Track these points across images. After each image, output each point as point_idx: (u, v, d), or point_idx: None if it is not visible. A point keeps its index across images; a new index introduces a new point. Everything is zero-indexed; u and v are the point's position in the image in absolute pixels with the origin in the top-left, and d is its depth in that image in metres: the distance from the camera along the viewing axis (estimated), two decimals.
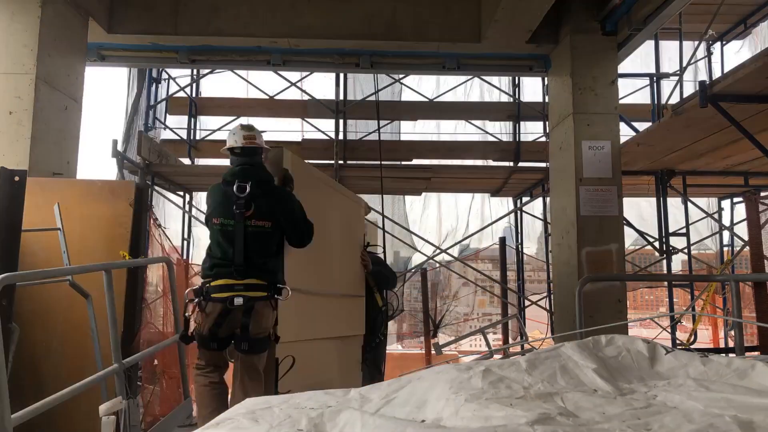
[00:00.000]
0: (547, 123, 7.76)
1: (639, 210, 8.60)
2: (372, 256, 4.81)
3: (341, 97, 7.85)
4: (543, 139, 8.51)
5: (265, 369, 3.29)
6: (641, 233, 7.29)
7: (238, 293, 3.14)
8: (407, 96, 8.86)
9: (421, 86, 8.90)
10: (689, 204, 7.37)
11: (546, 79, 7.36)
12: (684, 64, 6.61)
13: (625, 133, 5.68)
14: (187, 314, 3.32)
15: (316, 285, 3.92)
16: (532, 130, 8.88)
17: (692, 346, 6.95)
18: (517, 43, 5.53)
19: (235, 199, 3.22)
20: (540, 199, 8.16)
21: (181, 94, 8.56)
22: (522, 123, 8.64)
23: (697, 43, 7.66)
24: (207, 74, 8.91)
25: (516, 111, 8.54)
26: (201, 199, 8.91)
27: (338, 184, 5.55)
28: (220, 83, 9.21)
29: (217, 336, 3.21)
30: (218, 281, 3.19)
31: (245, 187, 3.22)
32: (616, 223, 5.06)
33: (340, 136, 7.76)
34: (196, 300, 3.23)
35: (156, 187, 7.54)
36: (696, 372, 1.84)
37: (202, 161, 8.59)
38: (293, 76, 8.52)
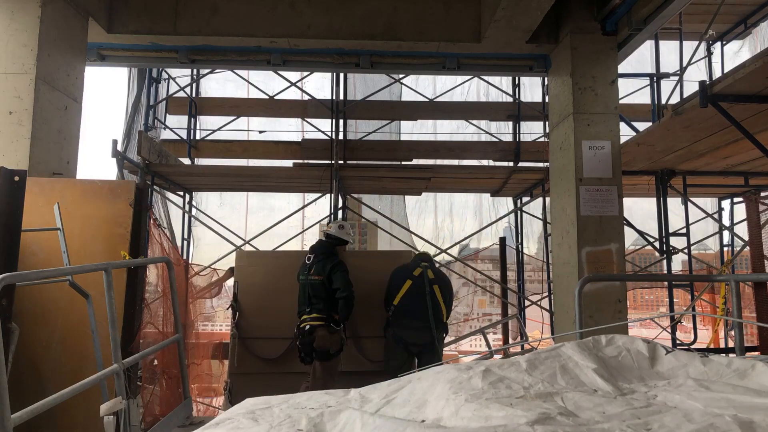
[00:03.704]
0: (547, 123, 7.77)
1: (639, 210, 8.60)
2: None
3: (341, 97, 7.85)
4: (543, 139, 8.51)
5: (331, 373, 4.83)
6: (641, 233, 7.29)
7: (307, 323, 4.81)
8: (407, 96, 8.87)
9: (420, 86, 8.91)
10: (689, 204, 7.37)
11: (546, 79, 7.36)
12: (684, 64, 6.61)
13: (625, 133, 5.68)
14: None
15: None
16: (532, 130, 8.89)
17: (692, 346, 6.95)
18: (517, 43, 5.53)
19: (305, 263, 5.08)
20: (540, 199, 8.15)
21: (181, 94, 8.56)
22: (522, 123, 8.65)
23: (697, 43, 7.66)
24: (207, 74, 8.92)
25: (516, 111, 8.55)
26: (201, 199, 8.92)
27: None
28: (220, 83, 9.18)
29: (302, 352, 4.86)
30: (302, 317, 4.90)
31: (311, 256, 5.06)
32: (616, 223, 5.06)
33: (340, 136, 7.75)
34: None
35: (156, 187, 7.54)
36: (696, 372, 1.84)
37: (202, 161, 8.59)
38: (293, 76, 8.52)
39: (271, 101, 8.74)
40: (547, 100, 7.02)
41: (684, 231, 7.21)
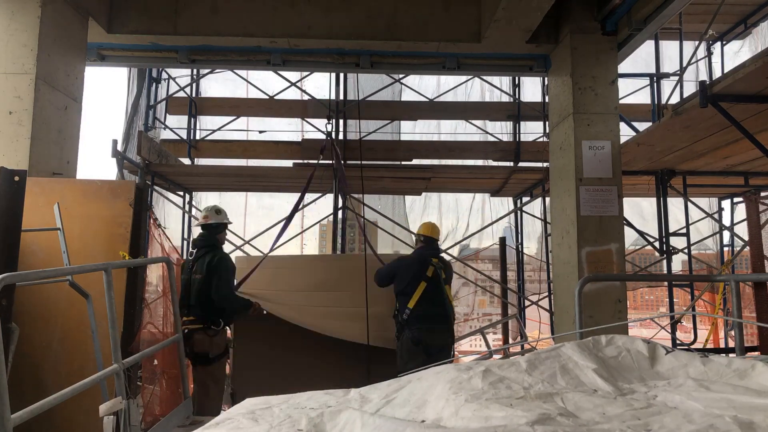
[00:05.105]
0: (547, 123, 7.76)
1: (639, 210, 8.61)
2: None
3: (341, 97, 7.85)
4: (543, 139, 8.51)
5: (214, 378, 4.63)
6: (641, 233, 7.29)
7: (186, 327, 4.51)
8: (407, 96, 8.87)
9: (421, 86, 8.91)
10: (689, 204, 7.37)
11: (546, 79, 7.36)
12: (684, 64, 6.61)
13: (625, 133, 5.68)
14: None
15: None
16: (532, 130, 8.89)
17: (692, 346, 6.95)
18: (517, 43, 5.53)
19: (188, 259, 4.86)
20: (540, 199, 8.15)
21: (181, 94, 8.56)
22: (522, 123, 8.65)
23: (697, 43, 7.66)
24: (207, 74, 8.92)
25: (516, 111, 8.55)
26: (201, 199, 8.92)
27: None
28: (220, 83, 9.19)
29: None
30: (183, 318, 4.52)
31: (193, 251, 4.82)
32: (616, 223, 5.06)
33: (340, 136, 7.75)
34: None
35: (156, 187, 7.54)
36: (696, 372, 1.84)
37: (202, 161, 8.59)
38: (293, 76, 8.52)
39: (271, 101, 8.74)
40: (547, 100, 7.02)
41: (684, 231, 7.22)
